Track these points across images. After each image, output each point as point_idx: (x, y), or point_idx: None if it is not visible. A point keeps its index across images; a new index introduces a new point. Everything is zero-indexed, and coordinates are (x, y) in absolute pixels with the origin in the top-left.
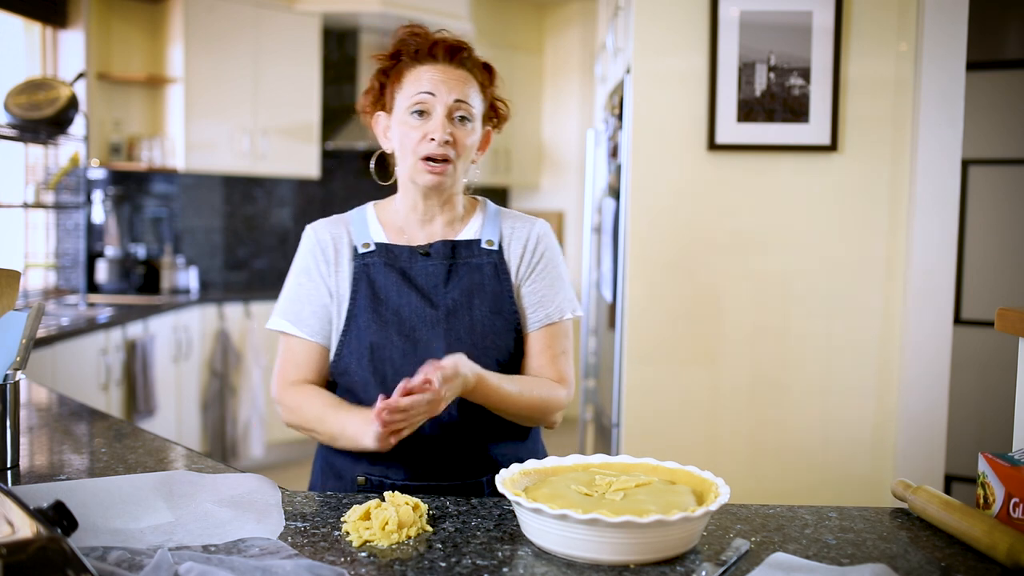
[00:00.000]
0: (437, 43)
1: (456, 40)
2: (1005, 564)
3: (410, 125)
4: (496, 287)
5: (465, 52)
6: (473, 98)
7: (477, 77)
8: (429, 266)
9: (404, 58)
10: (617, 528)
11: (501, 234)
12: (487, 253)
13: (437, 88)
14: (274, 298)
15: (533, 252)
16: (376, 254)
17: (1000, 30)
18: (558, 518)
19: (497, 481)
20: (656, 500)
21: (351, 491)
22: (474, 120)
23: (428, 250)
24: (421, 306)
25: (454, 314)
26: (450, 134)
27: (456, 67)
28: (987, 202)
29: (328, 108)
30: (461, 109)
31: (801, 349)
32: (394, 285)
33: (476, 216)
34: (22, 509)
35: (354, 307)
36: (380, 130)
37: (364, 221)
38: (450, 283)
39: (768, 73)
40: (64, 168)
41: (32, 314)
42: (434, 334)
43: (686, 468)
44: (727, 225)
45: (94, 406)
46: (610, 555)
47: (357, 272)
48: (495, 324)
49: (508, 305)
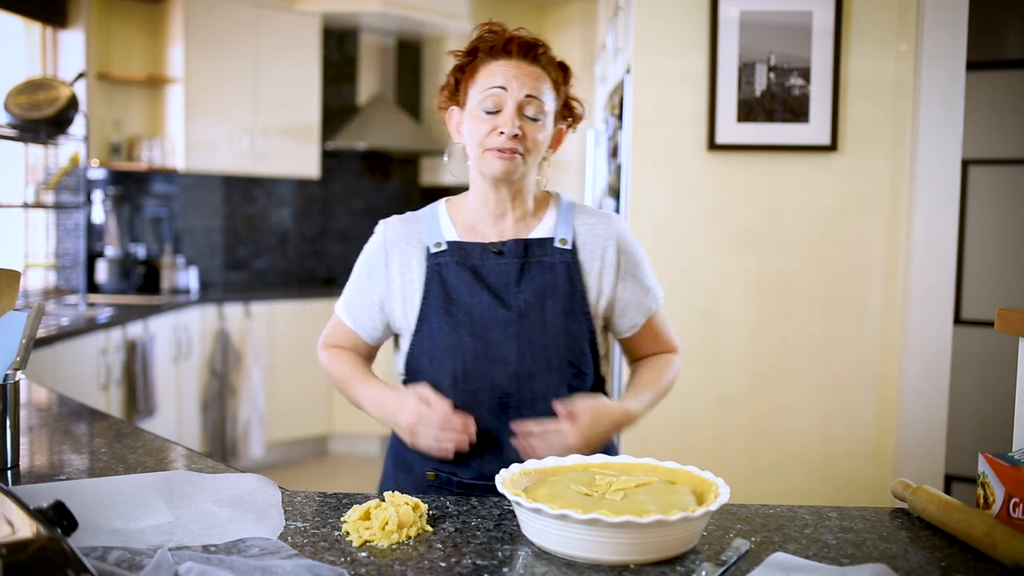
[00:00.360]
0: (512, 39)
1: (532, 37)
2: (1005, 564)
3: (481, 119)
4: (568, 288)
5: (540, 49)
6: (545, 95)
7: (551, 74)
8: (501, 264)
9: (480, 54)
10: (617, 528)
11: (575, 232)
12: (560, 252)
13: (509, 83)
14: (274, 298)
15: (619, 251)
16: (448, 253)
17: (1000, 30)
18: (558, 518)
19: (497, 481)
20: (656, 500)
21: (421, 486)
22: (545, 116)
23: (501, 248)
24: (493, 307)
25: (526, 316)
26: (519, 128)
27: (530, 63)
28: (987, 202)
29: (328, 108)
30: (532, 105)
31: (801, 349)
32: (466, 285)
33: (549, 212)
34: (22, 509)
35: (426, 307)
36: (453, 125)
37: (436, 219)
38: (522, 283)
39: (768, 73)
40: (64, 168)
41: (32, 314)
42: (506, 335)
43: (686, 468)
44: (727, 225)
45: (94, 406)
46: (610, 555)
47: (429, 272)
48: (568, 325)
49: (580, 306)
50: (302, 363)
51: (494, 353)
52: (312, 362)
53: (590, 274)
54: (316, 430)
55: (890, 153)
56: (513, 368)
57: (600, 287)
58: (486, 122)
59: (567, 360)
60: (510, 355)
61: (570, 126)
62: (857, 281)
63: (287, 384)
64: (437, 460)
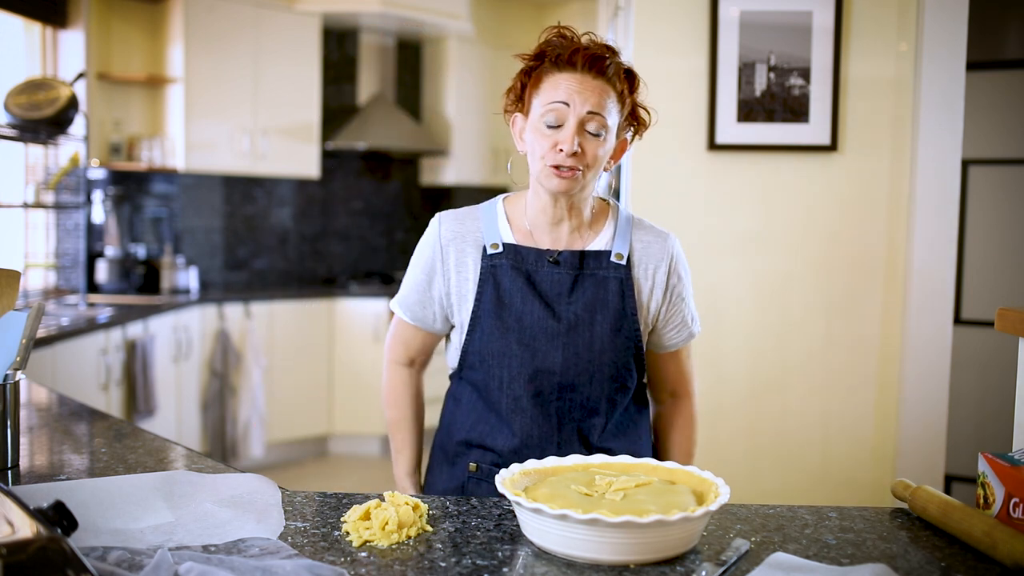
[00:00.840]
0: (578, 50)
1: (599, 47)
2: (1005, 564)
3: (542, 133)
4: (619, 304)
5: (607, 61)
6: (609, 109)
7: (616, 87)
8: (555, 274)
9: (547, 61)
10: (617, 528)
11: (631, 247)
12: (615, 267)
13: (572, 98)
14: (274, 298)
15: (671, 273)
16: (504, 255)
17: (1000, 30)
18: (558, 518)
19: (497, 481)
20: (656, 500)
21: (462, 479)
22: (607, 131)
23: (557, 258)
24: (544, 316)
25: (575, 328)
26: (579, 145)
27: (595, 77)
28: (987, 202)
29: (328, 108)
30: (594, 121)
31: (801, 349)
32: (519, 291)
33: (607, 225)
34: (22, 509)
35: (479, 309)
36: (516, 131)
37: (494, 217)
38: (574, 294)
39: (768, 73)
40: (64, 168)
41: (32, 314)
42: (553, 346)
43: (686, 468)
44: (727, 225)
45: (94, 406)
46: (610, 555)
47: (484, 273)
48: (615, 342)
49: (630, 323)
50: (302, 363)
51: (540, 362)
52: (312, 362)
53: (642, 292)
54: (316, 430)
55: (890, 153)
56: (557, 379)
57: (648, 306)
58: (547, 137)
59: (610, 375)
60: (555, 365)
61: (637, 133)
62: (857, 281)
63: (287, 384)
64: (479, 452)
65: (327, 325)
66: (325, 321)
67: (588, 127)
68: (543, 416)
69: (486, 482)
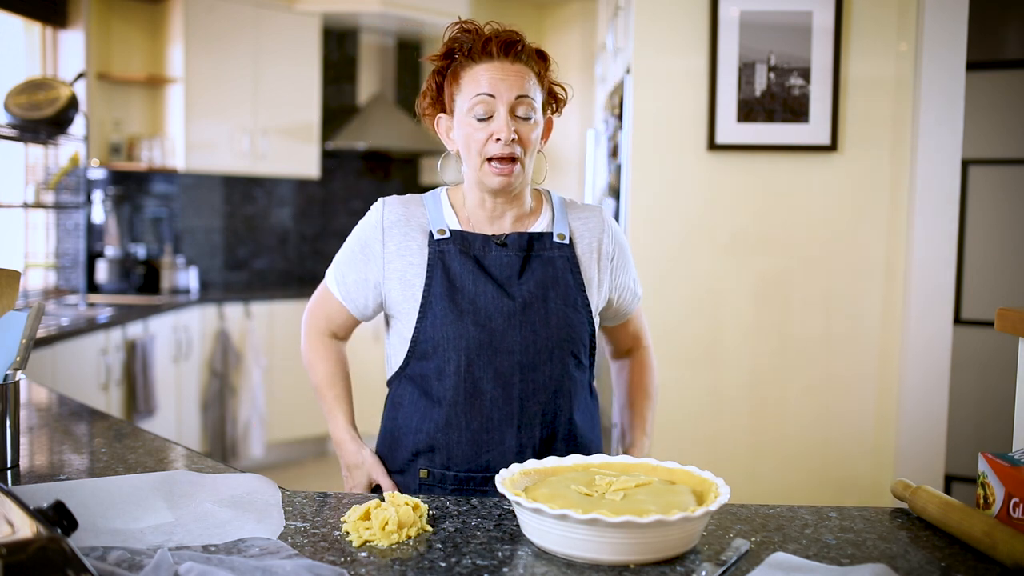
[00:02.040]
0: (490, 39)
1: (508, 33)
2: (1005, 564)
3: (473, 127)
4: (568, 281)
5: (520, 45)
6: (533, 91)
7: (533, 68)
8: (504, 257)
9: (458, 57)
10: (617, 528)
11: (571, 227)
12: (559, 247)
13: (496, 88)
14: (274, 298)
15: (611, 244)
16: (451, 241)
17: (1000, 30)
18: (558, 518)
19: (497, 481)
20: (656, 500)
21: (413, 487)
22: (536, 113)
23: (504, 240)
24: (497, 296)
25: (530, 306)
26: (515, 131)
27: (512, 62)
28: (987, 202)
29: (328, 108)
30: (523, 105)
31: (801, 349)
32: (469, 274)
33: (544, 210)
34: (22, 509)
35: (429, 294)
36: (442, 132)
37: (439, 205)
38: (524, 275)
39: (768, 73)
40: (64, 168)
41: (32, 314)
42: (510, 325)
43: (686, 468)
44: (727, 225)
45: (94, 406)
46: (610, 555)
47: (432, 257)
48: (570, 318)
49: (582, 299)
50: (302, 363)
51: (498, 343)
52: None
53: (588, 267)
54: (316, 430)
55: (890, 153)
56: (517, 358)
57: (599, 278)
58: (480, 130)
59: (569, 351)
60: (514, 345)
61: (556, 111)
62: (857, 281)
63: (287, 384)
64: (427, 457)
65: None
66: None
67: (518, 112)
68: (504, 398)
69: (439, 488)
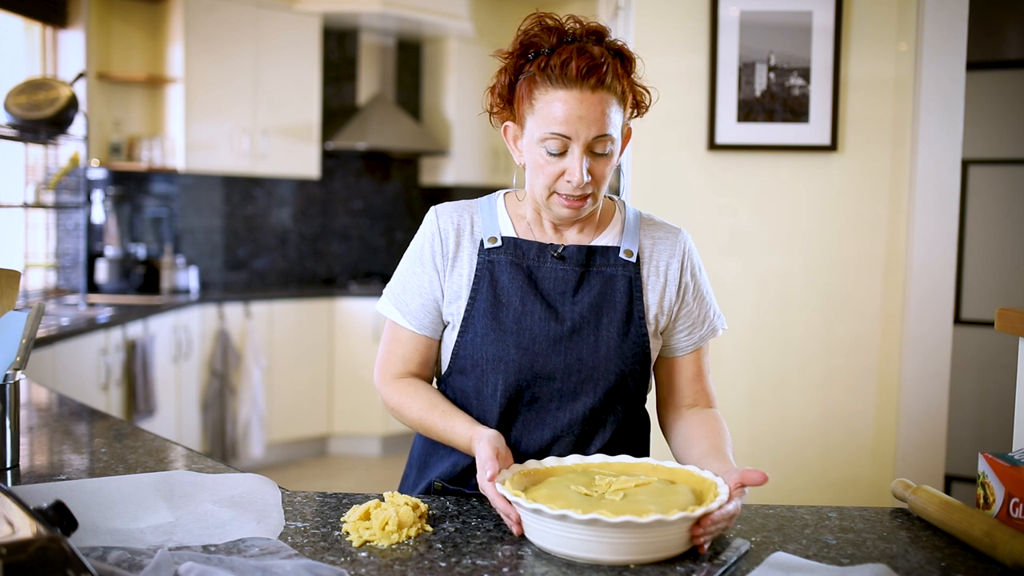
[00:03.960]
0: (570, 60)
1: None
2: (1005, 564)
3: (545, 159)
4: (626, 304)
5: (604, 66)
6: (614, 122)
7: (616, 89)
8: (559, 270)
9: (534, 68)
10: (617, 528)
11: (641, 244)
12: (624, 264)
13: (574, 127)
14: (274, 298)
15: (683, 270)
16: (502, 250)
17: (1000, 30)
18: (558, 518)
19: (496, 482)
20: (656, 500)
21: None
22: (615, 143)
23: (562, 252)
24: (545, 319)
25: (579, 332)
26: (589, 171)
27: (594, 90)
28: (987, 202)
29: (328, 108)
30: (601, 143)
31: (801, 349)
32: (518, 290)
33: (615, 221)
34: (22, 509)
35: (472, 308)
36: (510, 139)
37: (493, 211)
38: (579, 293)
39: (768, 73)
40: (64, 168)
41: (32, 314)
42: (554, 351)
43: (686, 468)
44: (727, 225)
45: (94, 406)
46: (610, 555)
47: (480, 269)
48: (621, 346)
49: (637, 326)
50: (302, 363)
51: (539, 369)
52: (312, 362)
53: (652, 291)
54: (316, 430)
55: (890, 153)
56: (557, 385)
57: (660, 304)
58: (552, 163)
59: (614, 381)
60: (556, 371)
61: (638, 114)
62: (857, 281)
63: (287, 384)
64: (450, 471)
65: (327, 325)
66: (325, 321)
67: (595, 148)
68: (536, 425)
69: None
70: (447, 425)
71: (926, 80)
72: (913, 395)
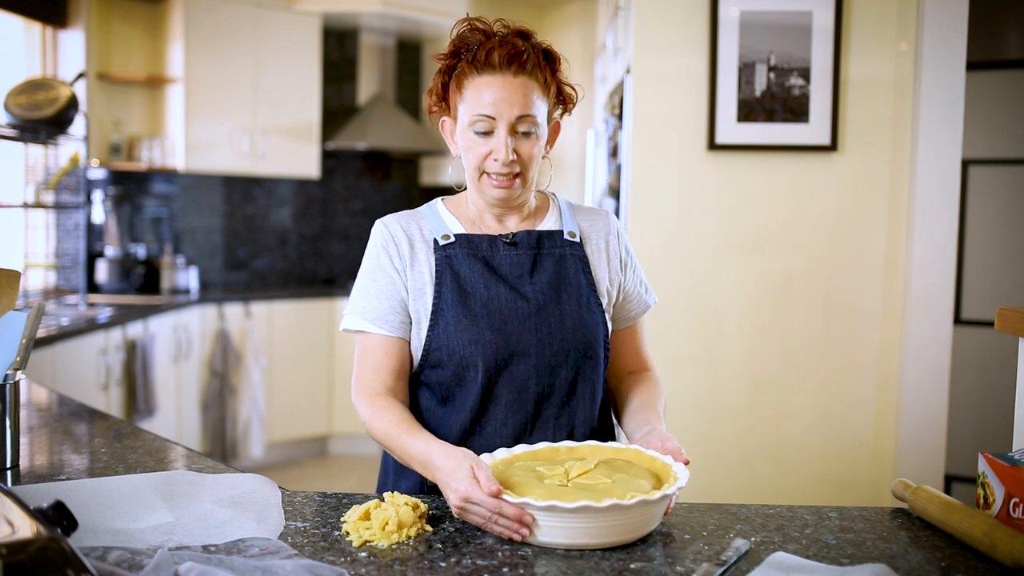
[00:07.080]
0: (494, 48)
1: (513, 39)
2: (1005, 564)
3: (474, 141)
4: (580, 281)
5: (524, 55)
6: (536, 105)
7: (539, 78)
8: (513, 256)
9: (463, 62)
10: (575, 514)
11: (580, 227)
12: (570, 245)
13: (497, 108)
14: (274, 298)
15: (619, 246)
16: (457, 245)
17: (1000, 30)
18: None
19: None
20: (615, 484)
21: (415, 491)
22: (539, 127)
23: (513, 239)
24: (511, 299)
25: (544, 308)
26: (514, 150)
27: (516, 74)
28: (987, 202)
29: (328, 108)
30: (524, 123)
31: (801, 349)
32: (480, 277)
33: (551, 210)
34: (22, 509)
35: (439, 301)
36: (447, 134)
37: (437, 215)
38: (536, 274)
39: (768, 73)
40: (64, 168)
41: (32, 314)
42: (525, 328)
43: (648, 452)
44: (727, 225)
45: (94, 406)
46: (567, 539)
47: (439, 265)
48: (583, 319)
49: (594, 299)
50: (302, 363)
51: (515, 346)
52: (312, 362)
53: (598, 267)
54: (316, 430)
55: (890, 153)
56: (533, 361)
57: (609, 278)
58: (480, 144)
59: (583, 353)
60: (530, 348)
61: (566, 111)
62: (857, 281)
63: (287, 384)
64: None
65: (327, 325)
66: (325, 321)
67: (519, 129)
68: (518, 402)
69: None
70: (410, 437)
71: (926, 80)
72: (913, 395)
